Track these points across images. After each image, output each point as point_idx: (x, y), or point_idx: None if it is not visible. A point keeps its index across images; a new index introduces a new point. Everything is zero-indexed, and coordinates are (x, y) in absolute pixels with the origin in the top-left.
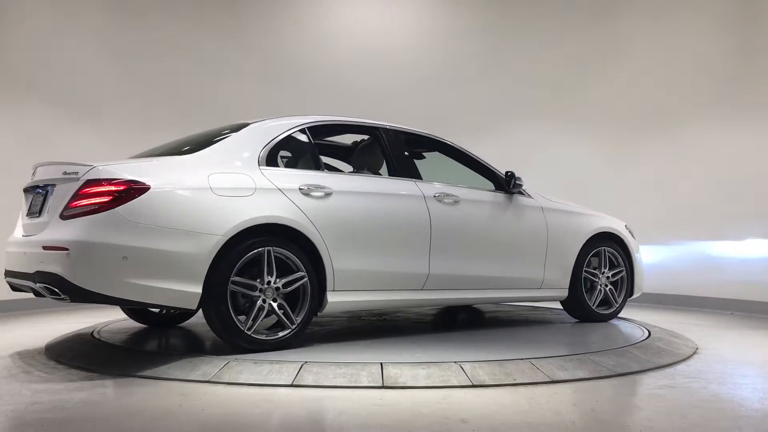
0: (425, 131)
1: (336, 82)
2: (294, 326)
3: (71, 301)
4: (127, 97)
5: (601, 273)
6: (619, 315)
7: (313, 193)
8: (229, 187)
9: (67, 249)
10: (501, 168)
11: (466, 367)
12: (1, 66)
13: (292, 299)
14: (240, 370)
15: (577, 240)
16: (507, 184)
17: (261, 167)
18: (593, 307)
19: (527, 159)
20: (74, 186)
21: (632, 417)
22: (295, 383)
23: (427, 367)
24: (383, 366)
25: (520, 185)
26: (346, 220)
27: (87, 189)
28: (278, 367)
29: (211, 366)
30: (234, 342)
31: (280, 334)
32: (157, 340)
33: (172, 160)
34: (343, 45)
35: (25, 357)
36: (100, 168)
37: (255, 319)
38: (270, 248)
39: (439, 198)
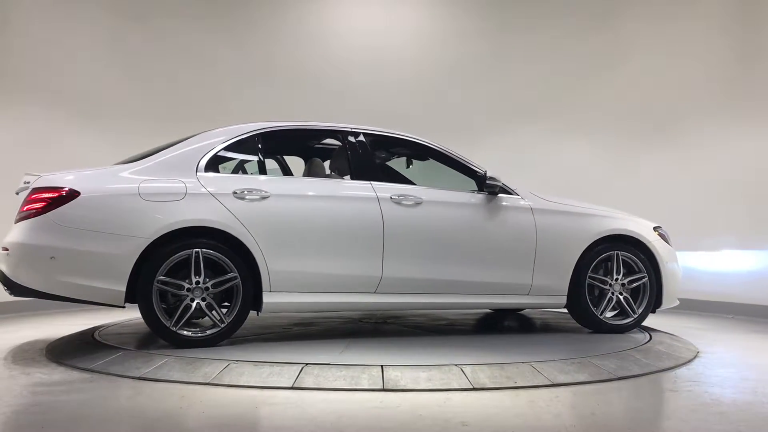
0: (396, 132)
1: (336, 82)
2: (223, 325)
3: (14, 296)
4: (127, 98)
5: (613, 279)
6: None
7: (247, 197)
8: (157, 193)
9: (7, 249)
10: (502, 168)
11: (467, 370)
12: (2, 67)
13: (229, 299)
14: (240, 372)
15: (577, 243)
16: (483, 184)
17: (199, 173)
18: (601, 317)
19: (527, 161)
20: (25, 193)
21: (633, 421)
22: (295, 386)
23: (427, 370)
24: (384, 369)
25: (494, 185)
26: (283, 223)
27: (32, 196)
28: (278, 369)
29: (211, 368)
30: (161, 337)
31: (208, 332)
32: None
33: (116, 169)
34: (343, 46)
35: (26, 358)
36: (44, 177)
37: (180, 317)
38: (199, 250)
39: (396, 200)
